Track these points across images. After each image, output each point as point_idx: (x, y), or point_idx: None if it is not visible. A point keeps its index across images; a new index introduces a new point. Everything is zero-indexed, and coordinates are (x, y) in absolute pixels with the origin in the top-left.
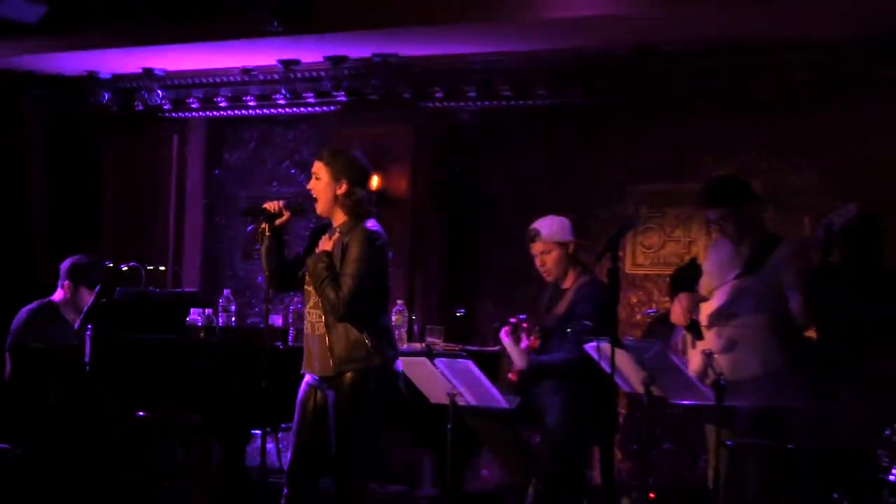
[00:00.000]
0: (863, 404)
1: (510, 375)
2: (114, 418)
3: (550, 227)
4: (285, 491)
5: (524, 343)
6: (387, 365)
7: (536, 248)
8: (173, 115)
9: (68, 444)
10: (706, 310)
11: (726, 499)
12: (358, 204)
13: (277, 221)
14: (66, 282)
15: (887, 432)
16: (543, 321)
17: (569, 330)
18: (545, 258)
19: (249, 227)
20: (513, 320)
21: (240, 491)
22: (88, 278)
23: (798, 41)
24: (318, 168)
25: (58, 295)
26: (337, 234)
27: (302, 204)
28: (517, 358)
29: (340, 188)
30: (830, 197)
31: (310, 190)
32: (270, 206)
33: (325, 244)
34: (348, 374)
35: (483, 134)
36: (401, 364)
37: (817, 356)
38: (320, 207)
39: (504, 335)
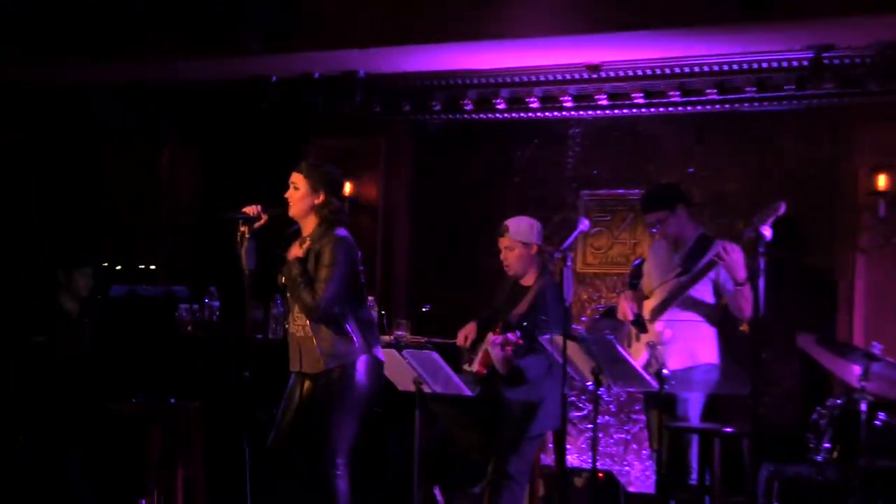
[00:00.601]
0: (792, 391)
1: (477, 368)
2: (109, 405)
3: (519, 227)
4: (268, 468)
5: (509, 350)
6: (372, 356)
7: (503, 242)
8: None
9: (68, 428)
10: (648, 305)
11: (669, 478)
12: (334, 212)
13: (256, 224)
14: (59, 272)
15: (814, 417)
16: (510, 316)
17: (527, 326)
18: (508, 254)
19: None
20: (512, 337)
21: (223, 471)
22: (76, 261)
23: (736, 61)
24: (297, 179)
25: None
26: (308, 242)
27: (279, 209)
28: (499, 364)
29: (318, 198)
30: (761, 203)
31: (287, 198)
32: (250, 210)
33: (296, 251)
34: (336, 369)
35: (447, 144)
36: (382, 353)
37: (750, 348)
38: (297, 214)
39: (492, 344)
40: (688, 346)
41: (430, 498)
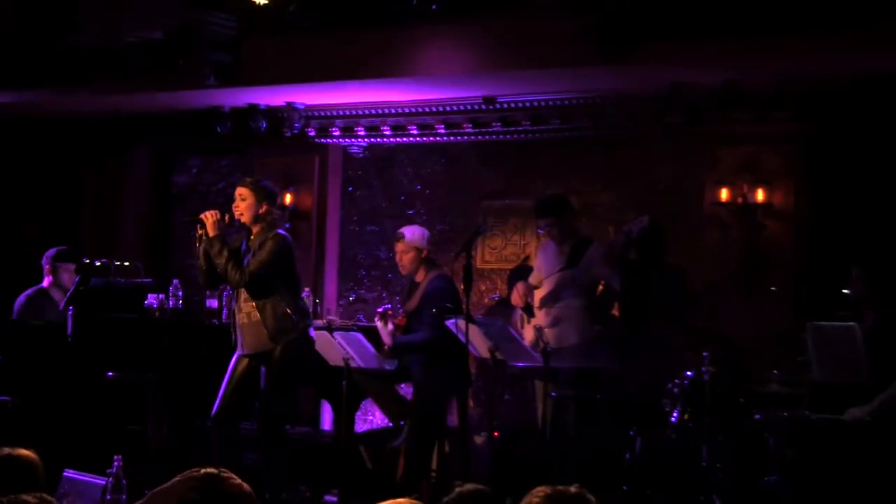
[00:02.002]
0: (652, 365)
1: (385, 347)
2: (90, 378)
3: (412, 234)
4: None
5: (391, 326)
6: (306, 334)
7: (399, 247)
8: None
9: (55, 397)
10: (537, 295)
11: (552, 436)
12: (275, 218)
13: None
14: (48, 266)
15: (669, 386)
16: (405, 307)
17: (433, 311)
18: (403, 256)
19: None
20: (380, 310)
21: (184, 433)
22: (63, 256)
23: (608, 94)
24: (245, 192)
25: (45, 282)
26: (254, 238)
27: (232, 216)
28: (385, 337)
29: (262, 208)
30: (628, 211)
31: (237, 207)
32: (206, 216)
33: (212, 230)
34: (278, 348)
35: (370, 162)
36: (314, 334)
37: (619, 329)
38: (246, 221)
39: (376, 319)
40: (568, 328)
41: (356, 454)
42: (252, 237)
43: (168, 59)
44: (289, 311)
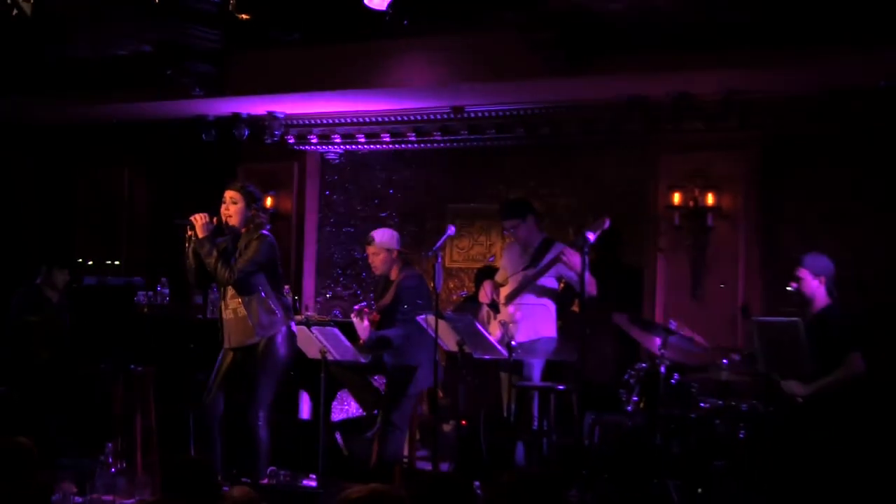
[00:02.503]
0: (609, 357)
1: (360, 342)
2: (83, 369)
3: (382, 237)
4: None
5: (366, 321)
6: (288, 328)
7: (370, 249)
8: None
9: (50, 388)
10: (503, 292)
11: (516, 423)
12: (260, 222)
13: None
14: (42, 268)
15: (626, 377)
16: (379, 304)
17: (406, 307)
18: (375, 258)
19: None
20: (357, 307)
21: (172, 420)
22: (56, 260)
23: (567, 104)
24: (236, 196)
25: (40, 279)
26: (214, 219)
27: (220, 218)
28: (361, 332)
29: (251, 211)
30: (586, 214)
31: (227, 210)
32: (195, 218)
33: (201, 232)
34: (262, 341)
35: (345, 168)
36: (296, 328)
37: (579, 325)
38: (236, 223)
39: (353, 316)
40: (532, 324)
41: (332, 441)
42: (239, 238)
43: (156, 71)
44: (273, 306)
